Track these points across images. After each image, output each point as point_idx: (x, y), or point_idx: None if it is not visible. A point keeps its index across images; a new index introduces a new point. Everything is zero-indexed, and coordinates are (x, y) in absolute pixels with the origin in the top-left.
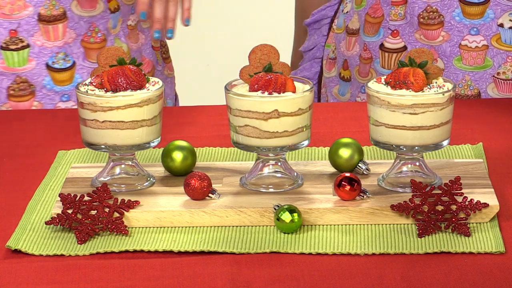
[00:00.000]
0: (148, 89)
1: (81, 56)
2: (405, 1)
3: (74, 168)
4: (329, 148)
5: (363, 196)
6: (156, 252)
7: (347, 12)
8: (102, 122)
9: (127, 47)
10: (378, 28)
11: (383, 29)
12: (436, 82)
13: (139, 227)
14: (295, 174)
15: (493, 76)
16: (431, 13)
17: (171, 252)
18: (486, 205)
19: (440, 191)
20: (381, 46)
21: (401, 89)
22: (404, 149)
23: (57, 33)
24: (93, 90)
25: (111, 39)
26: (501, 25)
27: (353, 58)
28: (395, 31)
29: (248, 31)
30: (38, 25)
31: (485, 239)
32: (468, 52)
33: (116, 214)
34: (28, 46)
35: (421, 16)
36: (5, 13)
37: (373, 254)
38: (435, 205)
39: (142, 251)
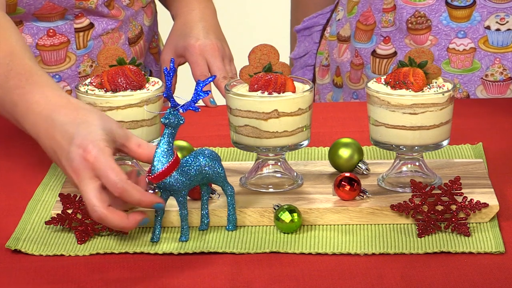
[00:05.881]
0: (148, 89)
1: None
2: (394, 8)
3: None
4: (329, 148)
5: (363, 196)
6: (156, 252)
7: (339, 19)
8: None
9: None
10: (371, 35)
11: (376, 36)
12: (436, 82)
13: (139, 227)
14: (295, 174)
15: (482, 78)
16: (419, 18)
17: (171, 252)
18: (486, 205)
19: (440, 191)
20: (373, 52)
21: (401, 89)
22: (404, 149)
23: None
24: (93, 90)
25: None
26: (488, 27)
27: (343, 64)
28: (386, 38)
29: (247, 31)
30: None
31: (485, 239)
32: (456, 55)
33: None
34: None
35: (409, 21)
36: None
37: (373, 254)
38: (435, 205)
39: (142, 251)
